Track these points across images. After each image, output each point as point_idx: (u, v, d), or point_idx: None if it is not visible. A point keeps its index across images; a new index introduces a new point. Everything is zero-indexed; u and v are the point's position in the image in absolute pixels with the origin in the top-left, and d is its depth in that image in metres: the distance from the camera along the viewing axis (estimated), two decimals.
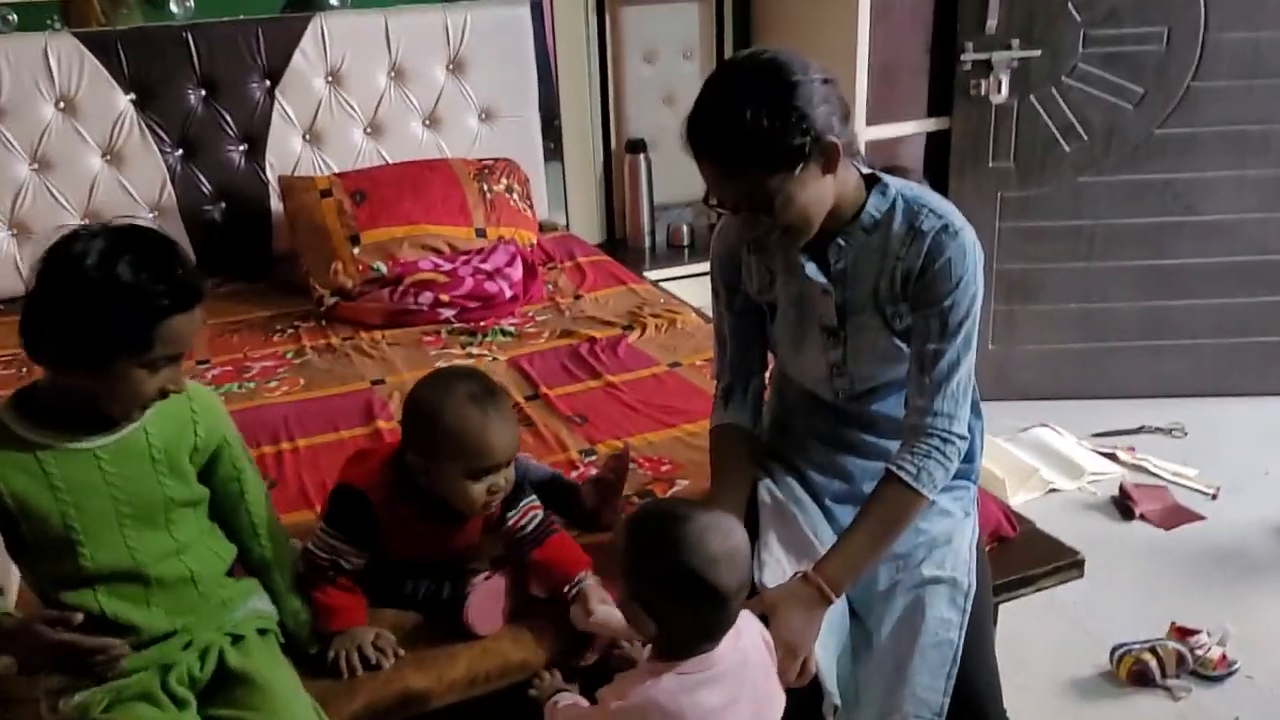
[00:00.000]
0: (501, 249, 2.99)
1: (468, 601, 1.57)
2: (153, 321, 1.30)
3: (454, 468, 1.53)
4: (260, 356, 2.67)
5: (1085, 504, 3.05)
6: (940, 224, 1.53)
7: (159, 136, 3.09)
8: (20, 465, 1.33)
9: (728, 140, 1.43)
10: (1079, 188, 3.38)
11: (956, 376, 1.54)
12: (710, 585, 1.22)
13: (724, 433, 1.74)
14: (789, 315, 1.67)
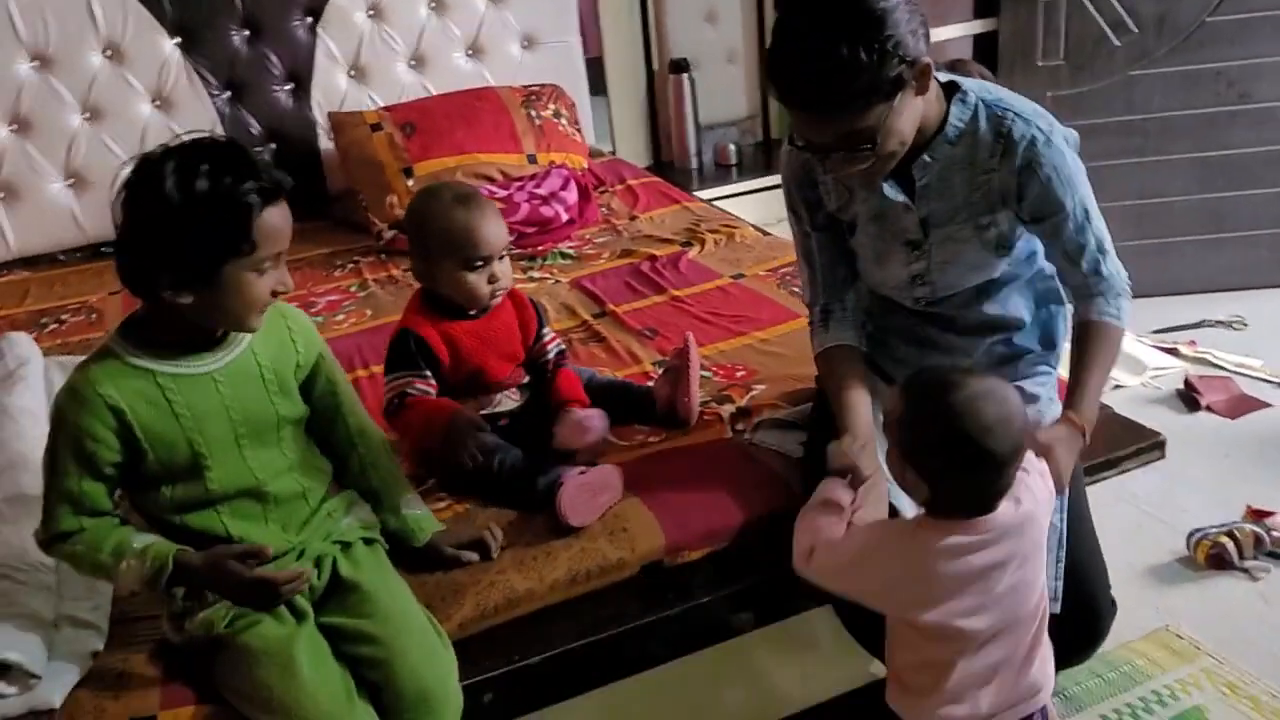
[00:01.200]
0: (554, 173, 2.99)
1: (561, 491, 1.60)
2: (248, 220, 1.29)
3: (451, 264, 1.73)
4: (324, 291, 2.71)
5: (1150, 399, 3.04)
6: (1030, 133, 1.52)
7: (206, 80, 3.11)
8: (145, 395, 1.35)
9: (825, 82, 1.38)
10: (1131, 81, 3.33)
11: (1106, 244, 1.60)
12: (984, 451, 1.25)
13: (835, 354, 1.71)
14: (869, 230, 1.66)
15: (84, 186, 3.07)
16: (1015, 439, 1.28)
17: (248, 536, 1.43)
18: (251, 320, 1.38)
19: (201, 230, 1.28)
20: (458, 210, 1.73)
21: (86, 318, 2.68)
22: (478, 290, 1.76)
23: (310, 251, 2.97)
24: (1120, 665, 2.07)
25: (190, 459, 1.38)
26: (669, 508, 1.67)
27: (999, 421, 1.26)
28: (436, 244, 1.74)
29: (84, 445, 1.32)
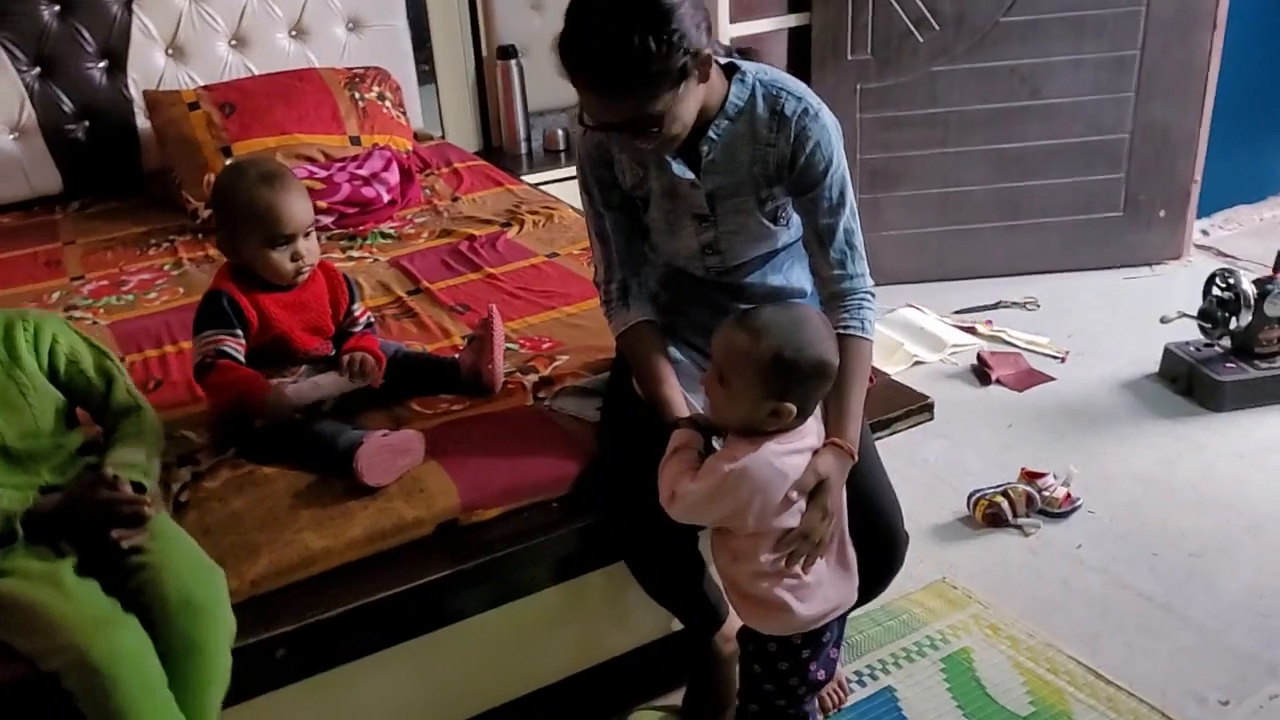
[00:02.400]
0: (377, 155, 3.02)
1: (359, 450, 1.66)
2: None
3: (255, 241, 1.78)
4: (137, 270, 2.68)
5: (947, 374, 3.26)
6: (800, 107, 1.65)
7: (13, 55, 3.02)
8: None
9: (612, 67, 1.48)
10: (933, 76, 3.54)
11: (855, 240, 1.71)
12: (828, 363, 1.50)
13: (639, 332, 1.79)
14: (663, 205, 1.76)
15: None
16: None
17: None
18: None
19: None
20: (261, 188, 1.77)
21: None
22: (281, 267, 1.81)
23: (124, 230, 2.92)
24: (899, 614, 2.24)
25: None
26: (466, 469, 1.74)
27: (830, 338, 1.53)
28: (241, 221, 1.78)
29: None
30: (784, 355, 1.47)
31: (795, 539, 1.54)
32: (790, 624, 1.59)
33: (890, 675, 2.07)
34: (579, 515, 1.75)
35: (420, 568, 1.64)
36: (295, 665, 1.56)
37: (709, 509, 1.54)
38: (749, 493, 1.50)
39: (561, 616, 1.91)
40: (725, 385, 1.52)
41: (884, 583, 1.82)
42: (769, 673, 1.64)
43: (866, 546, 1.68)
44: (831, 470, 1.57)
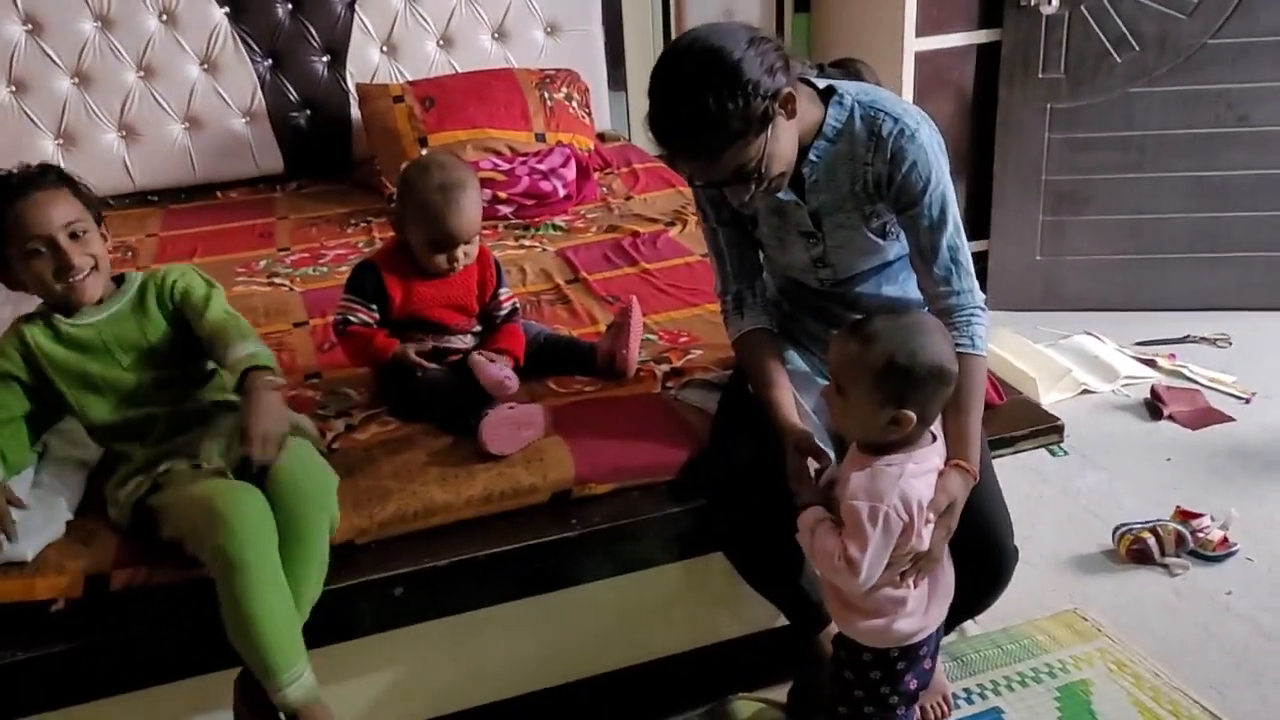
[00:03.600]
0: (557, 151, 3.19)
1: (484, 421, 1.80)
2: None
3: (420, 237, 1.94)
4: (335, 245, 2.94)
5: (1116, 405, 3.14)
6: (897, 128, 1.67)
7: (250, 47, 3.37)
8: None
9: (698, 133, 1.55)
10: (1130, 98, 3.41)
11: (960, 256, 1.72)
12: (949, 371, 1.50)
13: (753, 338, 1.85)
14: (771, 222, 1.83)
15: (134, 138, 3.35)
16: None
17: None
18: (63, 296, 1.68)
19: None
20: (437, 197, 1.90)
21: (123, 254, 2.95)
22: (436, 265, 1.97)
23: (330, 209, 3.22)
24: (1020, 639, 2.20)
25: (99, 383, 1.73)
26: (585, 445, 1.85)
27: (947, 343, 1.53)
28: (413, 216, 1.94)
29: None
30: (897, 360, 1.47)
31: (921, 559, 1.56)
32: (888, 637, 1.60)
33: (1001, 697, 2.05)
34: (686, 499, 1.82)
35: (528, 530, 1.76)
36: (413, 605, 1.72)
37: (885, 552, 1.52)
38: (899, 524, 1.51)
39: (669, 596, 2.00)
40: (842, 395, 1.53)
41: (990, 598, 1.81)
42: (860, 680, 1.65)
43: (975, 561, 1.68)
44: (958, 492, 1.58)
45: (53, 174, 1.69)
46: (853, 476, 1.54)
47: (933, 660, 1.70)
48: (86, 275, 1.68)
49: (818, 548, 1.58)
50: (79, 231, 1.66)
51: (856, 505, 1.51)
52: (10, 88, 3.23)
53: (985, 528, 1.70)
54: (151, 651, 1.62)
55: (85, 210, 1.69)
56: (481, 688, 1.93)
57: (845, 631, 1.65)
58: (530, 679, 1.95)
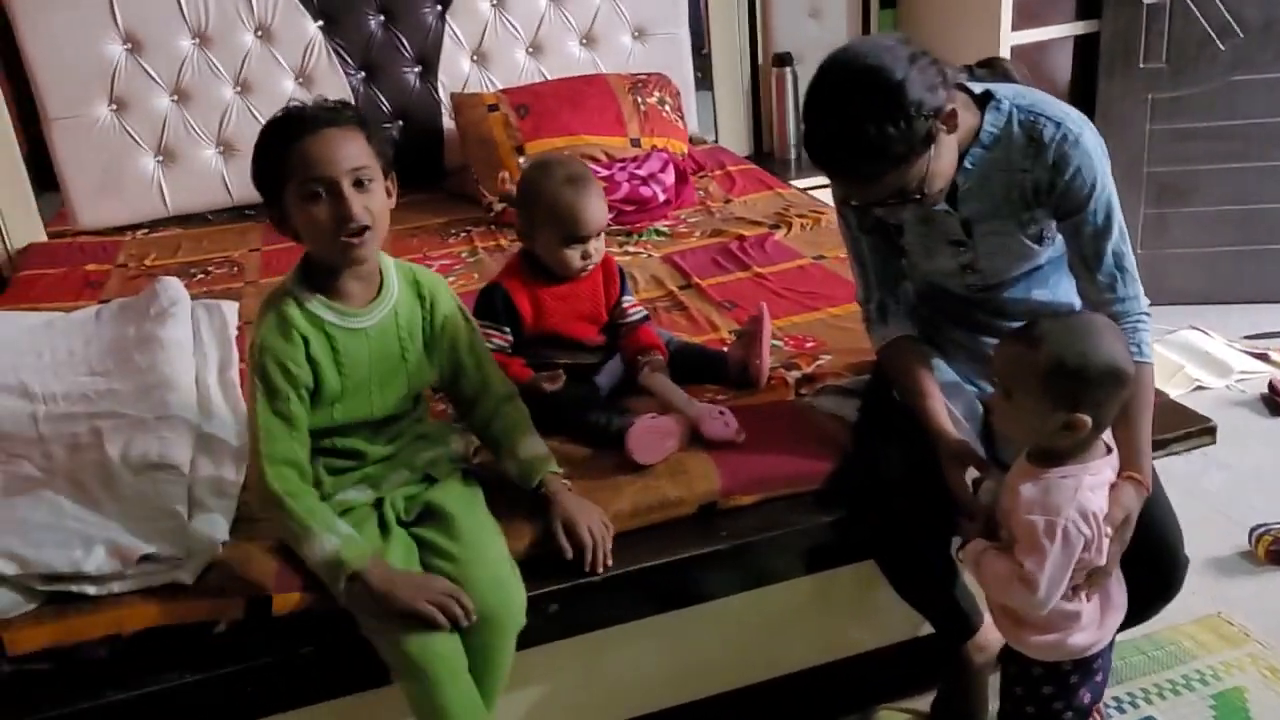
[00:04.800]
0: (655, 156, 3.17)
1: (630, 431, 1.78)
2: (285, 147, 1.50)
3: (552, 236, 1.91)
4: (438, 255, 2.94)
5: (1232, 401, 3.06)
6: (1059, 133, 1.60)
7: (344, 59, 3.39)
8: (316, 337, 1.59)
9: (860, 160, 1.51)
10: (1233, 86, 3.33)
11: (1125, 261, 1.66)
12: (1126, 372, 1.45)
13: (900, 346, 1.81)
14: (917, 230, 1.78)
15: (232, 153, 3.38)
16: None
17: (351, 434, 1.66)
18: (333, 250, 1.54)
19: (259, 160, 1.55)
20: (566, 190, 1.90)
21: (229, 270, 2.97)
22: (571, 263, 1.94)
23: (427, 220, 3.22)
24: (1166, 645, 2.15)
25: (336, 394, 1.61)
26: (727, 455, 1.82)
27: (1121, 342, 1.48)
28: (542, 216, 1.92)
29: (290, 369, 1.56)
30: (1067, 363, 1.42)
31: (1096, 573, 1.53)
32: (1062, 651, 1.56)
33: (1153, 705, 2.00)
34: (832, 509, 1.79)
35: (678, 544, 1.74)
36: (564, 622, 1.70)
37: (1066, 568, 1.48)
38: (1080, 540, 1.47)
39: (808, 608, 1.96)
40: (1010, 401, 1.49)
41: (1159, 606, 1.76)
42: (1032, 696, 1.62)
43: (1146, 569, 1.64)
44: (1133, 505, 1.54)
45: (350, 112, 1.57)
46: (1023, 489, 1.49)
47: (1105, 674, 1.66)
48: (364, 231, 1.53)
49: (987, 574, 1.54)
50: (365, 180, 1.52)
51: (1033, 519, 1.46)
52: (112, 106, 3.27)
53: (1159, 537, 1.65)
54: (313, 672, 1.62)
55: (375, 160, 1.55)
56: (615, 705, 1.91)
57: (1016, 647, 1.61)
58: (664, 695, 1.92)
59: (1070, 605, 1.54)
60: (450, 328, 1.72)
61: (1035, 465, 1.51)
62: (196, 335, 2.32)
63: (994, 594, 1.59)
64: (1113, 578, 1.59)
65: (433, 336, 1.70)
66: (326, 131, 1.51)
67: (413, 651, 1.51)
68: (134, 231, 3.34)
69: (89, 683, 1.53)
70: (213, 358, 2.23)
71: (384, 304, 1.64)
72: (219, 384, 2.13)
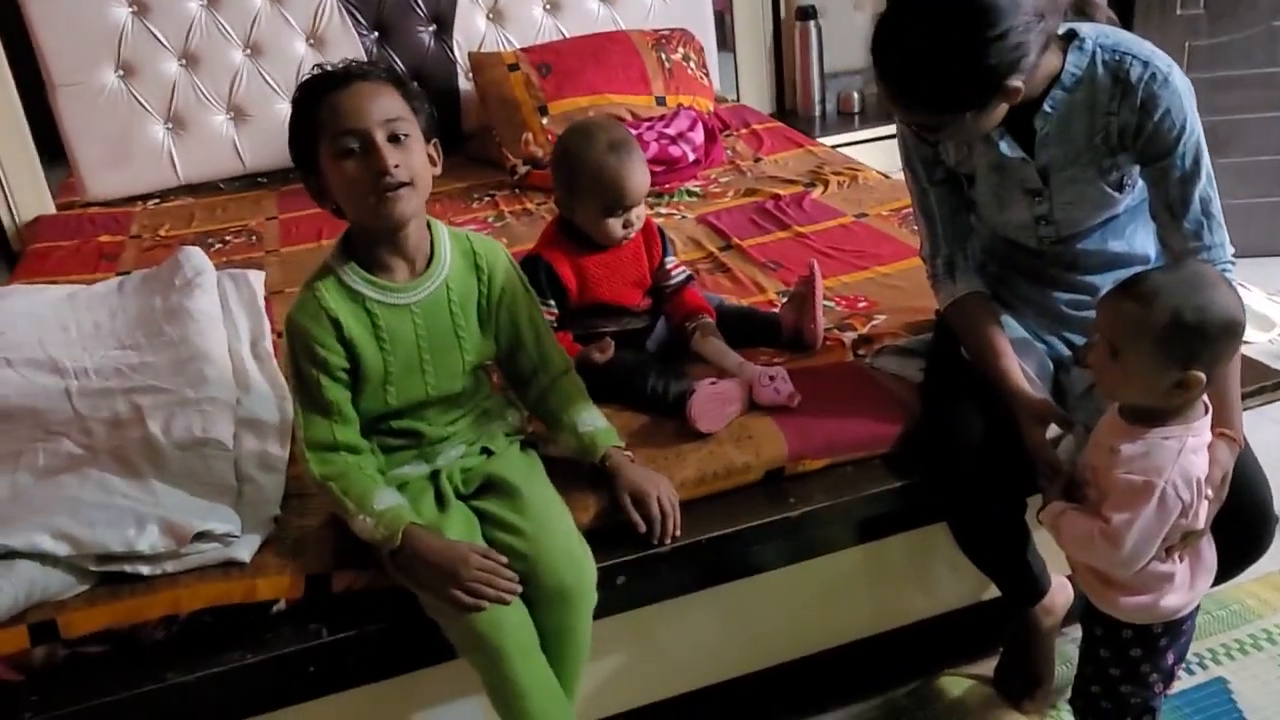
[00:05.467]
0: (683, 115, 3.09)
1: (692, 398, 1.72)
2: (316, 100, 1.43)
3: (594, 205, 1.83)
4: (463, 221, 2.86)
5: (1276, 354, 3.00)
6: (1147, 73, 1.54)
7: (356, 20, 3.29)
8: (356, 315, 1.50)
9: (922, 88, 1.46)
10: (1275, 31, 3.24)
11: (1212, 208, 1.60)
12: (1241, 324, 1.38)
13: (969, 304, 1.75)
14: (990, 180, 1.71)
15: (243, 119, 3.29)
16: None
17: (408, 416, 1.58)
18: (373, 211, 1.44)
19: (293, 126, 1.47)
20: (610, 158, 1.81)
21: (248, 239, 2.89)
22: (614, 233, 1.87)
23: (449, 185, 3.13)
24: (1229, 604, 2.10)
25: (381, 375, 1.53)
26: (792, 420, 1.76)
27: (1234, 293, 1.40)
28: (585, 185, 1.83)
29: (317, 352, 1.48)
30: (1184, 317, 1.34)
31: (1192, 535, 1.48)
32: (1155, 613, 1.51)
33: (1222, 666, 1.96)
34: (901, 473, 1.74)
35: (747, 511, 1.69)
36: (633, 593, 1.65)
37: (1159, 530, 1.43)
38: (1179, 505, 1.42)
39: (872, 574, 1.91)
40: (1119, 360, 1.41)
41: (1247, 562, 1.70)
42: (1119, 659, 1.57)
43: (1235, 528, 1.58)
44: (1228, 463, 1.49)
45: (382, 68, 1.49)
46: (1124, 448, 1.43)
47: (1190, 635, 1.61)
48: (401, 187, 1.43)
49: (1067, 533, 1.49)
50: (400, 134, 1.43)
51: (1131, 478, 1.41)
52: (119, 72, 3.17)
53: (1249, 494, 1.60)
54: (375, 650, 1.56)
55: (413, 115, 1.47)
56: (674, 678, 1.85)
57: (1105, 609, 1.55)
58: (723, 667, 1.87)
59: (1164, 567, 1.49)
60: (509, 300, 1.62)
61: (1132, 424, 1.45)
62: (225, 306, 2.24)
63: (1075, 553, 1.54)
64: (1205, 539, 1.54)
65: (489, 310, 1.61)
66: (357, 85, 1.43)
67: (481, 629, 1.45)
68: (144, 202, 3.25)
69: (148, 665, 1.48)
70: (244, 329, 2.16)
71: (434, 278, 1.55)
72: (253, 356, 2.06)
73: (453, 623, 1.46)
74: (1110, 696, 1.60)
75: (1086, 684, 1.63)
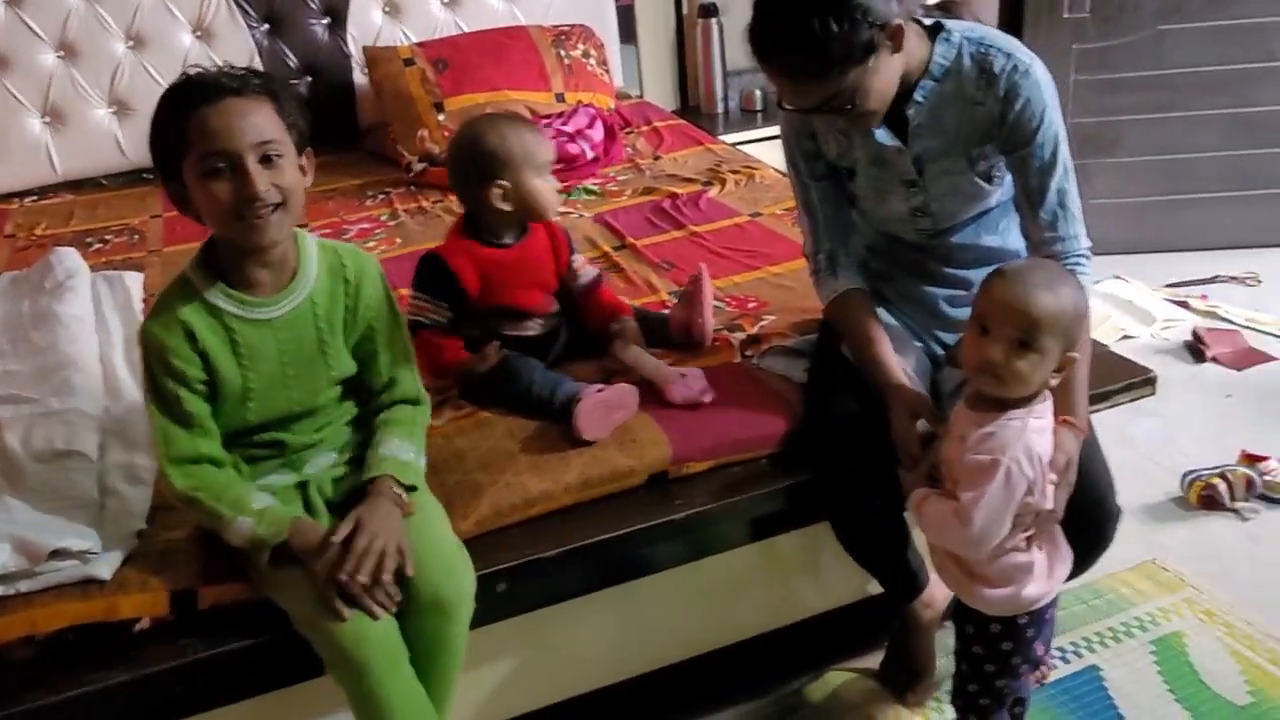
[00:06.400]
0: (581, 112, 3.07)
1: (578, 408, 1.70)
2: (182, 118, 1.35)
3: (528, 173, 1.81)
4: (356, 220, 2.81)
5: (1157, 349, 3.10)
6: (1010, 64, 1.60)
7: (245, 12, 3.21)
8: (213, 329, 1.45)
9: (800, 54, 1.48)
10: (1160, 35, 3.34)
11: (1068, 200, 1.66)
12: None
13: (851, 299, 1.78)
14: (870, 173, 1.74)
15: (127, 113, 3.18)
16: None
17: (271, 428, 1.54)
18: (237, 232, 1.41)
19: (155, 131, 1.41)
20: (506, 124, 1.85)
21: (129, 238, 2.80)
22: (551, 195, 1.87)
23: (343, 182, 3.07)
24: (1106, 593, 2.16)
25: (240, 392, 1.48)
26: (676, 423, 1.76)
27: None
28: (499, 161, 1.80)
29: (173, 365, 1.43)
30: (1080, 305, 1.45)
31: (1044, 519, 1.51)
32: (1018, 604, 1.55)
33: (1095, 654, 2.01)
34: (786, 474, 1.75)
35: (632, 515, 1.67)
36: (514, 600, 1.63)
37: (1006, 509, 1.46)
38: (1023, 481, 1.46)
39: (760, 573, 1.93)
40: (1035, 351, 1.43)
41: (1093, 558, 1.75)
42: (992, 654, 1.60)
43: (1078, 520, 1.61)
44: (1073, 449, 1.53)
45: (258, 81, 1.41)
46: (973, 434, 1.47)
47: (1053, 622, 1.66)
48: (271, 211, 1.39)
49: (928, 517, 1.53)
50: (273, 155, 1.38)
51: (977, 458, 1.45)
52: None
53: (1089, 488, 1.62)
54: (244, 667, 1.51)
55: (286, 132, 1.41)
56: (567, 682, 1.85)
57: (972, 604, 1.59)
58: (617, 669, 1.87)
59: (1022, 557, 1.53)
60: (373, 316, 1.57)
61: (979, 411, 1.49)
62: (98, 310, 2.16)
63: (934, 538, 1.58)
64: (1058, 528, 1.58)
65: (354, 323, 1.56)
66: (229, 101, 1.36)
67: (345, 644, 1.40)
68: (20, 199, 3.13)
69: (8, 687, 1.41)
70: (117, 334, 2.08)
71: (297, 293, 1.50)
72: (126, 363, 1.98)
73: (320, 637, 1.43)
74: (988, 692, 1.63)
75: (965, 683, 1.66)
